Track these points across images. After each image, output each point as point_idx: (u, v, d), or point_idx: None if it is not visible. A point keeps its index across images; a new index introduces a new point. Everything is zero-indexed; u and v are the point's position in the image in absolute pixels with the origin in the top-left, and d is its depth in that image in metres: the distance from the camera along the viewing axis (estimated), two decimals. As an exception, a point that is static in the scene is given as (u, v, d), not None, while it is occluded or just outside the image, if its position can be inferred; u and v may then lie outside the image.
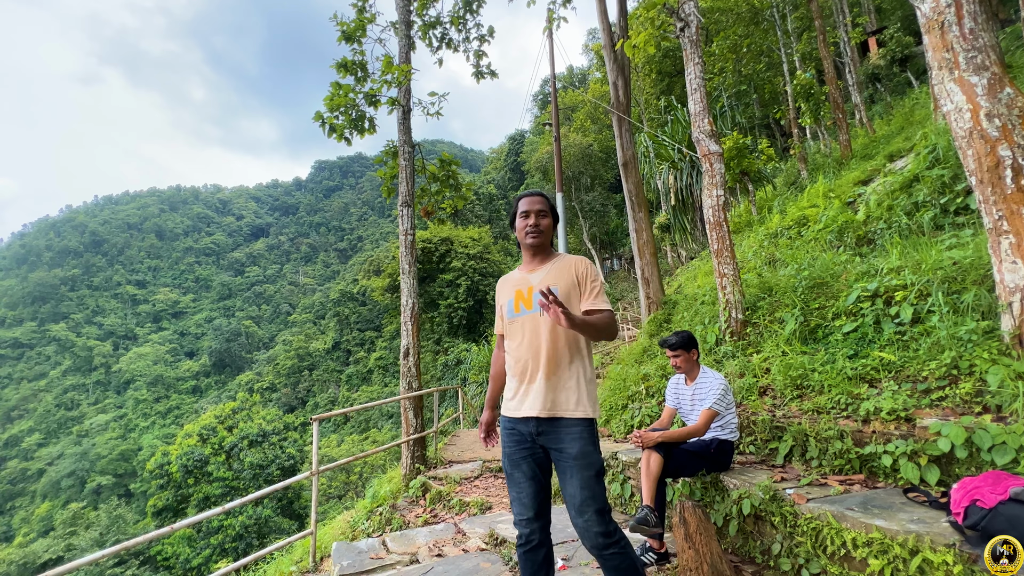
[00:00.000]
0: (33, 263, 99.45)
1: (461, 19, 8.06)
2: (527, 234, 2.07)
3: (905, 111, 12.63)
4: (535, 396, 1.94)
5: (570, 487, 1.87)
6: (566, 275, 2.04)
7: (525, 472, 1.96)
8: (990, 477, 1.98)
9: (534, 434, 1.95)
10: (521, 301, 2.05)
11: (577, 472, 1.86)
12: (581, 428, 1.92)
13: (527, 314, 2.02)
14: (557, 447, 1.91)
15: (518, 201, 2.14)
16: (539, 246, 2.09)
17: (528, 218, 2.08)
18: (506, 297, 2.12)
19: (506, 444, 2.02)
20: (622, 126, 8.65)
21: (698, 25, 5.17)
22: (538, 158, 35.58)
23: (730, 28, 16.77)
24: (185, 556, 23.79)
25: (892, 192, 5.73)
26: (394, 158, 7.29)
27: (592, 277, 2.05)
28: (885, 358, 3.13)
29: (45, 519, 47.10)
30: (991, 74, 2.59)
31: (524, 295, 2.04)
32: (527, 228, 2.07)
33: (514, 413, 1.99)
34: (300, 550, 5.14)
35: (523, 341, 2.01)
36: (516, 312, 2.05)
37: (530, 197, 2.12)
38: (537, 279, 2.05)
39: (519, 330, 2.03)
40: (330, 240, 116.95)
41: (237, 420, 30.65)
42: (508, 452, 2.00)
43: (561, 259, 2.11)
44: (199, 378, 78.12)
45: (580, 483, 1.85)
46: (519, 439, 1.98)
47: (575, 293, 2.02)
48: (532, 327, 2.00)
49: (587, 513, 1.84)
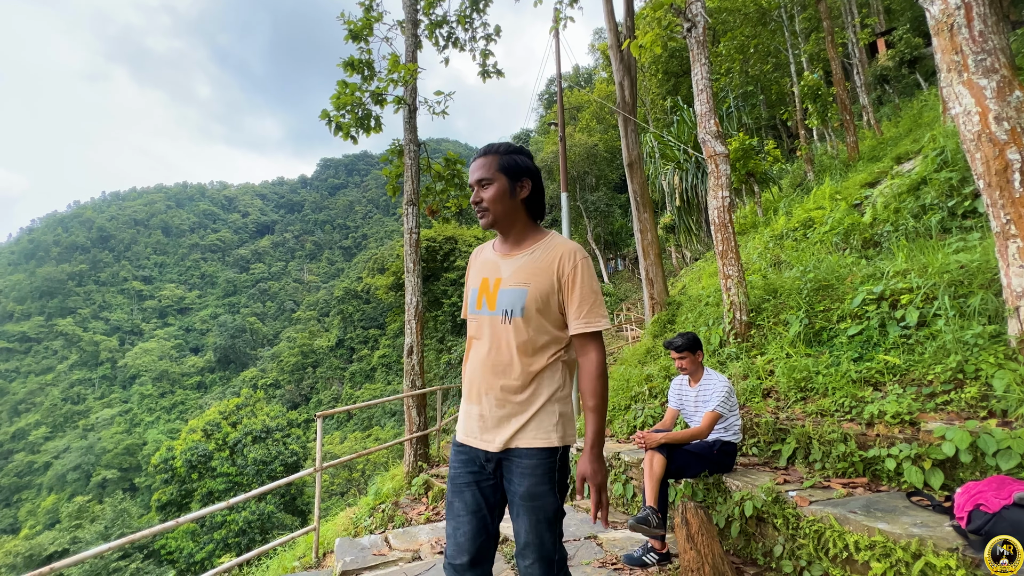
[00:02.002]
0: (41, 258, 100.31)
1: (468, 18, 8.07)
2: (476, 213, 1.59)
3: (913, 113, 12.55)
4: (477, 423, 1.55)
5: (516, 525, 1.52)
6: (543, 275, 1.51)
7: (467, 503, 1.53)
8: (994, 482, 1.97)
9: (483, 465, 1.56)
10: (485, 295, 1.56)
11: (524, 514, 1.48)
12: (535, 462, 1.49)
13: (488, 315, 1.55)
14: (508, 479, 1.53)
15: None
16: (493, 225, 1.57)
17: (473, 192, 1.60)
18: (471, 283, 1.65)
19: (452, 465, 1.61)
20: (628, 126, 8.64)
21: (705, 25, 5.16)
22: (543, 157, 35.55)
23: (737, 28, 16.71)
24: (189, 550, 23.96)
25: (899, 195, 5.70)
26: (400, 156, 7.32)
27: (582, 280, 1.51)
28: (890, 361, 3.12)
29: (51, 512, 47.54)
30: (1000, 77, 2.57)
31: (489, 287, 1.56)
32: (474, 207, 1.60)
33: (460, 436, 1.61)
34: (303, 545, 5.17)
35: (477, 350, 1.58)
36: (478, 309, 1.58)
37: (473, 162, 1.61)
38: (508, 270, 1.55)
39: (479, 331, 1.58)
40: (335, 238, 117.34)
41: (241, 416, 30.84)
42: (452, 475, 1.59)
43: (546, 246, 1.57)
44: (204, 374, 78.57)
45: (525, 526, 1.48)
46: (465, 460, 1.57)
47: (553, 300, 1.51)
48: (492, 334, 1.54)
49: (529, 558, 1.49)
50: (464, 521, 1.52)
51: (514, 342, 1.50)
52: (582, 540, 3.35)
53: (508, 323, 1.50)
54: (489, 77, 8.45)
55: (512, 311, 1.50)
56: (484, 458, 1.54)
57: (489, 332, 1.54)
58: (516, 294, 1.51)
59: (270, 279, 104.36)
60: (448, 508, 1.58)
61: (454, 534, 1.53)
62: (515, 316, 1.49)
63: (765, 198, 12.67)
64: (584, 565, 2.93)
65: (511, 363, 1.51)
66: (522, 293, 1.50)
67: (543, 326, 1.52)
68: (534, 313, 1.50)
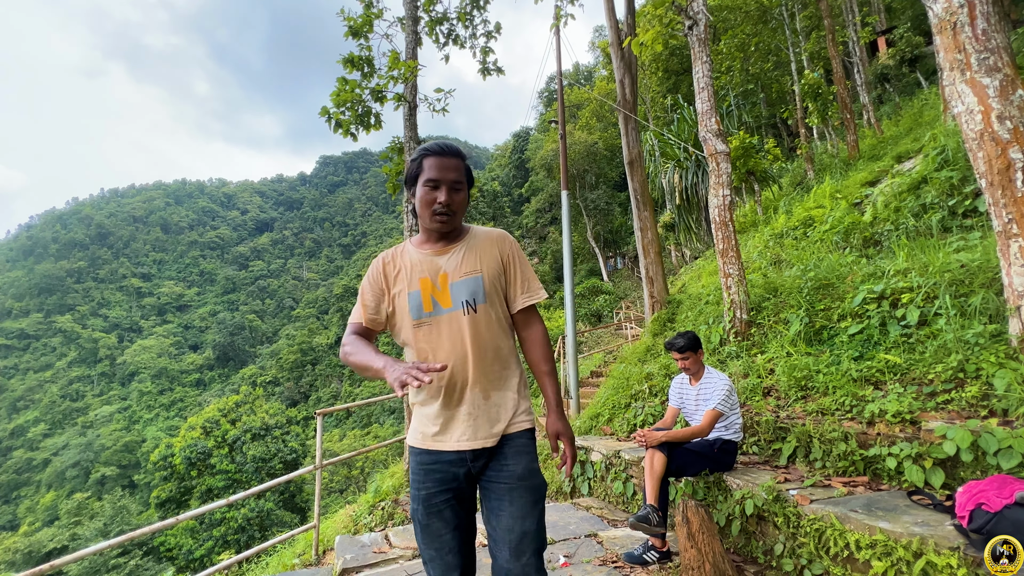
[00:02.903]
0: (39, 255, 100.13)
1: (468, 15, 8.04)
2: (434, 214, 1.47)
3: (914, 112, 12.55)
4: (468, 423, 1.47)
5: (504, 519, 1.42)
6: (488, 258, 1.54)
7: (448, 521, 1.46)
8: (996, 481, 1.97)
9: (467, 466, 1.47)
10: (433, 295, 1.49)
11: (518, 497, 1.43)
12: (526, 440, 1.51)
13: (445, 313, 1.48)
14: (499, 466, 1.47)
15: (423, 157, 1.50)
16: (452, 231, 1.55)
17: (438, 191, 1.47)
18: (406, 288, 1.51)
19: (423, 485, 1.47)
20: (628, 124, 8.62)
21: (706, 23, 5.14)
22: (543, 155, 35.55)
23: (738, 26, 16.69)
24: (188, 547, 24.00)
25: (900, 193, 5.70)
26: (399, 154, 7.29)
27: (520, 257, 1.59)
28: (891, 360, 3.12)
29: (50, 509, 47.56)
30: (1003, 76, 2.57)
31: (437, 287, 1.49)
32: (435, 207, 1.47)
33: (440, 445, 1.47)
34: (303, 543, 5.18)
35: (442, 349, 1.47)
36: (428, 311, 1.48)
37: (442, 157, 1.49)
38: (452, 264, 1.51)
39: (435, 334, 1.48)
40: (334, 235, 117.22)
41: (240, 413, 30.86)
42: (424, 496, 1.46)
43: (477, 234, 1.58)
44: (203, 371, 78.56)
45: (519, 512, 1.42)
46: (442, 478, 1.47)
47: (500, 282, 1.55)
48: (455, 330, 1.47)
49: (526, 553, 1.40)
50: (448, 540, 1.46)
51: (483, 330, 1.49)
52: (583, 538, 3.35)
53: (471, 313, 1.48)
54: (489, 74, 8.42)
55: (474, 300, 1.49)
56: (471, 458, 1.47)
57: (449, 331, 1.48)
58: (471, 283, 1.50)
59: (269, 276, 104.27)
60: (423, 531, 1.46)
61: (440, 555, 1.45)
62: (478, 304, 1.49)
63: (765, 197, 12.67)
64: (585, 563, 2.93)
65: (486, 351, 1.49)
66: (477, 280, 1.50)
67: (501, 308, 1.56)
68: (494, 296, 1.52)
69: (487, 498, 1.49)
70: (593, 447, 4.62)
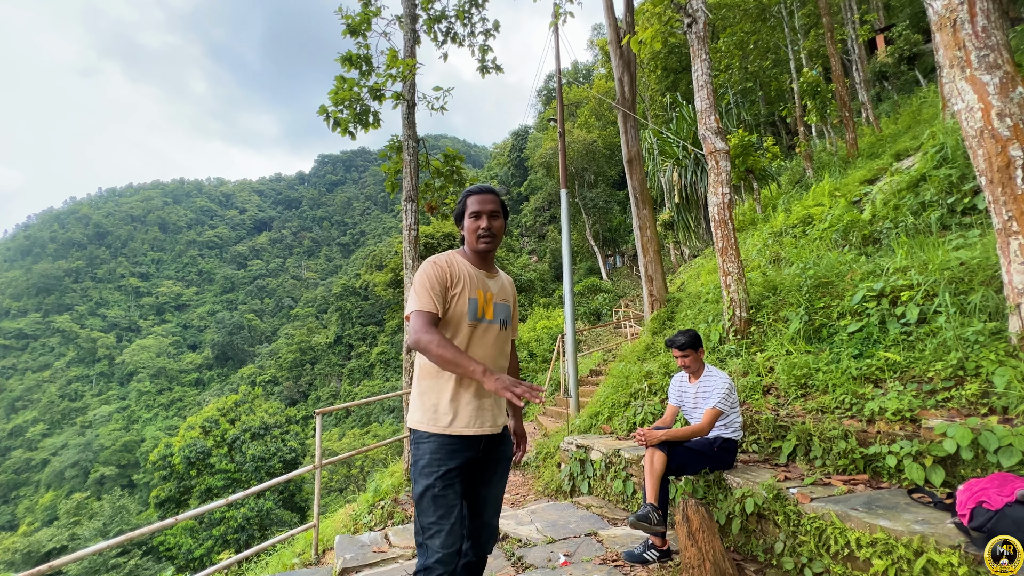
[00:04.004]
0: (37, 254, 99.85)
1: (466, 13, 8.01)
2: (479, 238, 1.88)
3: (913, 110, 12.54)
4: (491, 412, 1.85)
5: (497, 488, 1.93)
6: (511, 295, 2.03)
7: (458, 492, 1.78)
8: (996, 479, 1.97)
9: (482, 448, 1.85)
10: (483, 307, 1.88)
11: (506, 473, 1.98)
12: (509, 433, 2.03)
13: (487, 323, 1.88)
14: (499, 451, 1.92)
15: (467, 197, 1.93)
16: (492, 251, 1.94)
17: (480, 219, 1.88)
18: (468, 292, 1.86)
19: (442, 464, 1.75)
20: (627, 122, 8.61)
21: (705, 21, 5.13)
22: (542, 154, 35.50)
23: (737, 24, 16.66)
24: (188, 547, 23.97)
25: (899, 191, 5.70)
26: (398, 153, 7.28)
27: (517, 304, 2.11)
28: (890, 358, 3.11)
29: (49, 509, 47.48)
30: (1003, 73, 2.56)
31: (484, 301, 1.89)
32: (479, 231, 1.88)
33: (470, 430, 1.79)
34: (302, 542, 5.17)
35: (482, 351, 1.86)
36: (479, 316, 1.86)
37: (481, 195, 1.91)
38: (495, 288, 1.94)
39: (479, 337, 1.86)
40: (333, 234, 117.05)
41: (239, 413, 30.82)
42: (442, 473, 1.74)
43: (501, 273, 2.05)
44: (202, 371, 78.45)
45: (504, 484, 1.98)
46: (460, 459, 1.78)
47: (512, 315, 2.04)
48: (493, 338, 1.90)
49: (499, 514, 1.98)
50: (457, 510, 1.75)
51: (507, 344, 1.99)
52: (583, 537, 3.35)
53: (504, 330, 1.95)
54: (488, 72, 8.40)
55: (506, 321, 1.96)
56: (482, 444, 1.85)
57: (489, 336, 1.90)
58: (506, 308, 1.97)
59: (268, 276, 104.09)
60: (436, 502, 1.72)
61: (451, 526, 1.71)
62: (508, 324, 1.97)
63: (764, 195, 12.67)
64: (585, 562, 2.93)
65: (504, 359, 1.97)
66: (508, 308, 1.98)
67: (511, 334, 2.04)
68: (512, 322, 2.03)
69: (485, 474, 1.89)
70: (593, 446, 4.62)
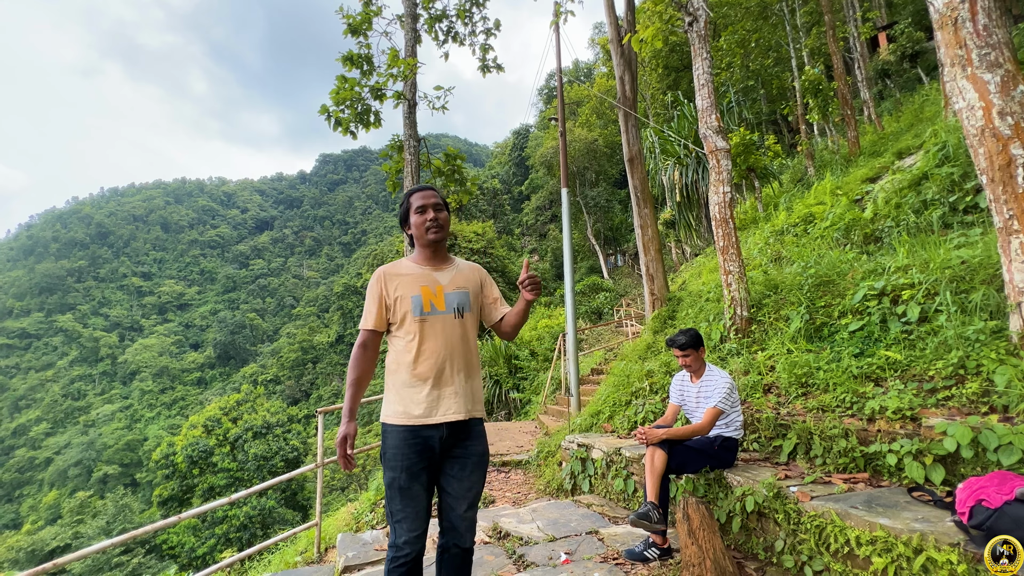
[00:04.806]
0: (40, 254, 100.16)
1: (467, 12, 8.02)
2: (427, 229, 1.97)
3: (915, 108, 12.50)
4: (454, 399, 1.88)
5: (468, 481, 1.91)
6: (473, 281, 2.05)
7: (424, 484, 1.86)
8: (996, 477, 1.97)
9: (442, 438, 1.87)
10: (432, 300, 1.94)
11: (478, 468, 1.93)
12: (483, 426, 2.01)
13: (439, 314, 1.93)
14: (465, 443, 1.91)
15: (409, 196, 2.04)
16: (441, 241, 2.01)
17: (426, 212, 1.98)
18: (408, 292, 1.94)
19: (404, 456, 1.84)
20: (628, 121, 8.60)
21: (706, 19, 5.12)
22: (543, 153, 35.49)
23: (738, 23, 16.62)
24: (190, 545, 24.08)
25: (900, 190, 5.69)
26: (399, 152, 7.29)
27: (493, 283, 2.13)
28: (891, 357, 3.11)
29: (53, 507, 47.68)
30: (1004, 71, 2.56)
31: (433, 293, 1.95)
32: (427, 223, 1.97)
33: (424, 420, 1.85)
34: (304, 541, 5.19)
35: (435, 343, 1.91)
36: (427, 311, 1.93)
37: (423, 191, 2.03)
38: (446, 279, 1.99)
39: (429, 330, 1.92)
40: (334, 234, 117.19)
41: (241, 412, 30.91)
42: (407, 464, 1.83)
43: (459, 262, 2.09)
44: (204, 370, 78.66)
45: (477, 479, 1.93)
46: (422, 449, 1.85)
47: (478, 301, 2.06)
48: (447, 328, 1.93)
49: (476, 505, 1.94)
50: (423, 500, 1.86)
51: (469, 331, 1.99)
52: (583, 535, 3.36)
53: (460, 318, 1.96)
54: (489, 71, 8.41)
55: (463, 308, 1.97)
56: (447, 433, 1.87)
57: (442, 327, 1.93)
58: (462, 295, 1.98)
59: (269, 275, 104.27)
60: (403, 493, 1.84)
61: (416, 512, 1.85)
62: (465, 312, 1.98)
63: (766, 193, 12.65)
64: (586, 560, 2.94)
65: (467, 347, 1.97)
66: (465, 294, 2.00)
67: (476, 317, 2.06)
68: (475, 308, 2.04)
69: (453, 466, 1.91)
70: (594, 445, 4.63)
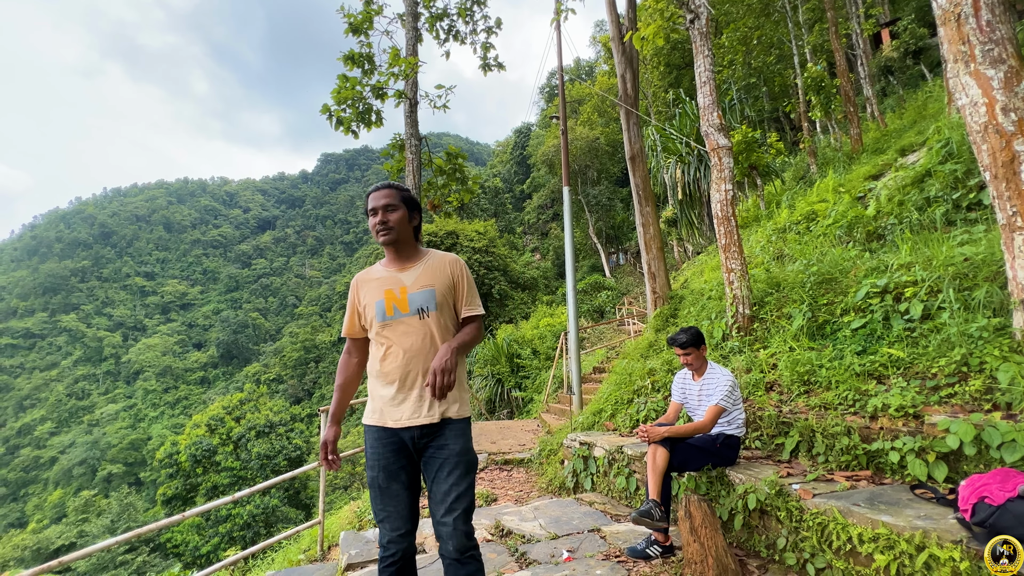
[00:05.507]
0: (44, 254, 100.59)
1: (468, 11, 8.02)
2: (377, 232, 1.92)
3: (918, 104, 12.45)
4: (418, 403, 1.83)
5: (445, 484, 1.80)
6: (441, 276, 1.94)
7: (403, 483, 1.85)
8: (999, 474, 1.97)
9: (414, 439, 1.84)
10: (394, 303, 1.89)
11: (455, 470, 1.81)
12: (464, 426, 1.90)
13: (402, 317, 1.88)
14: (439, 444, 1.84)
15: (366, 198, 1.98)
16: (393, 243, 1.94)
17: (376, 215, 1.91)
18: (373, 298, 1.92)
19: (380, 455, 1.85)
20: (630, 119, 8.59)
21: (708, 17, 5.11)
22: (544, 151, 35.49)
23: (740, 20, 16.55)
24: (194, 544, 24.18)
25: (903, 187, 5.67)
26: (401, 151, 7.29)
27: (467, 279, 1.99)
28: (894, 354, 3.11)
29: (57, 506, 47.99)
30: (1008, 67, 2.54)
31: (397, 296, 1.90)
32: (376, 226, 1.91)
33: (394, 423, 1.84)
34: (308, 539, 5.21)
35: (398, 347, 1.87)
36: (389, 315, 1.88)
37: (375, 192, 1.95)
38: (410, 279, 1.92)
39: (392, 335, 1.88)
40: (336, 233, 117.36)
41: (244, 411, 31.00)
42: (384, 464, 1.84)
43: (432, 257, 1.99)
44: (207, 369, 78.94)
45: (456, 479, 1.81)
46: (397, 448, 1.85)
47: (450, 296, 1.95)
48: (411, 331, 1.87)
49: (458, 510, 1.78)
50: (403, 498, 1.85)
51: (435, 331, 1.88)
52: (585, 533, 3.37)
53: (425, 318, 1.88)
54: (490, 70, 8.40)
55: (427, 308, 1.88)
56: (418, 435, 1.82)
57: (404, 330, 1.88)
58: (426, 295, 1.89)
59: (272, 274, 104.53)
60: (382, 493, 1.84)
61: (397, 511, 1.84)
62: (430, 311, 1.89)
63: (768, 191, 12.62)
64: (588, 558, 2.94)
65: (436, 347, 1.87)
66: (430, 293, 1.90)
67: (449, 315, 1.95)
68: (444, 306, 1.93)
69: (429, 468, 1.85)
70: (596, 443, 4.63)
